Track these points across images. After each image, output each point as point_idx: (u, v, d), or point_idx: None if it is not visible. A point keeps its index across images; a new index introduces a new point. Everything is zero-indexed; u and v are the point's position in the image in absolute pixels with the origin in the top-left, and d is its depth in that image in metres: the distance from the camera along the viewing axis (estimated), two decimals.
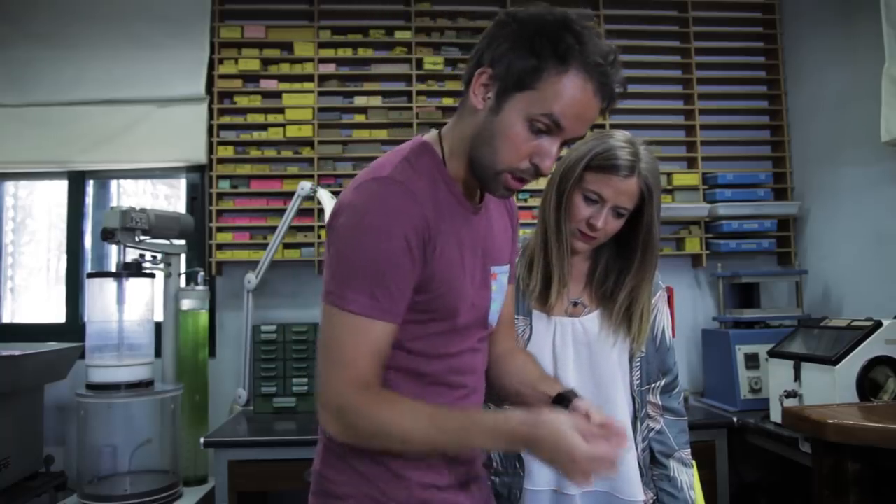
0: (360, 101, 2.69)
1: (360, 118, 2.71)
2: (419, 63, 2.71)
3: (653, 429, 1.38)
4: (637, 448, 1.34)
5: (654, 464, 1.37)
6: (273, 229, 2.53)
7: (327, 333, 0.96)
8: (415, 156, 1.01)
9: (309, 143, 2.67)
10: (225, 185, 2.65)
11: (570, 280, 1.34)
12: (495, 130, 0.95)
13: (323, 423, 0.98)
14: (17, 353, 2.14)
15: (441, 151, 1.03)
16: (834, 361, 1.78)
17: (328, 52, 2.71)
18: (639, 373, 1.36)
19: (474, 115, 0.98)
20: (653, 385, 1.39)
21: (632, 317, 1.32)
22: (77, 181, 2.76)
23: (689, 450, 1.39)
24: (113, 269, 2.52)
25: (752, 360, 2.35)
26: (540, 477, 1.29)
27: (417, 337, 1.03)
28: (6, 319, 2.83)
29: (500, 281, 1.13)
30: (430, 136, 1.06)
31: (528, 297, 1.33)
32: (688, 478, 1.37)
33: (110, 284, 2.19)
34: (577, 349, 1.32)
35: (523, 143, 0.94)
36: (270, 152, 2.68)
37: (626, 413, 1.33)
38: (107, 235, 2.22)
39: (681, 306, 2.71)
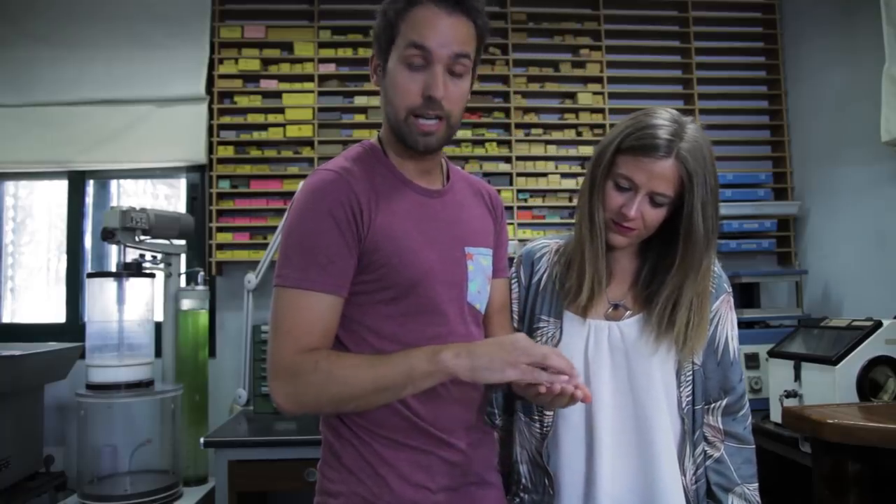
0: (360, 101, 2.69)
1: (360, 118, 2.70)
2: None
3: (711, 456, 1.20)
4: (685, 476, 1.17)
5: (709, 497, 1.19)
6: (273, 229, 2.53)
7: (272, 311, 1.03)
8: (354, 150, 1.13)
9: (309, 143, 2.67)
10: (225, 185, 2.64)
11: (611, 279, 1.21)
12: (388, 87, 1.07)
13: (273, 395, 1.00)
14: (17, 353, 2.14)
15: (381, 144, 1.14)
16: (834, 361, 1.78)
17: (328, 52, 2.71)
18: (690, 388, 1.18)
19: (381, 94, 1.10)
20: (712, 405, 1.21)
21: (675, 322, 1.14)
22: (77, 181, 2.76)
23: (755, 484, 1.20)
24: (113, 269, 2.52)
25: (752, 360, 2.34)
26: (570, 498, 1.17)
27: (388, 317, 1.06)
28: (6, 319, 2.83)
29: (478, 262, 1.15)
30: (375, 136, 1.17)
31: (563, 298, 1.21)
32: None
33: (110, 284, 2.19)
34: (613, 355, 1.18)
35: (409, 82, 1.03)
36: (270, 152, 2.67)
37: (668, 433, 1.16)
38: (107, 235, 2.22)
39: None
